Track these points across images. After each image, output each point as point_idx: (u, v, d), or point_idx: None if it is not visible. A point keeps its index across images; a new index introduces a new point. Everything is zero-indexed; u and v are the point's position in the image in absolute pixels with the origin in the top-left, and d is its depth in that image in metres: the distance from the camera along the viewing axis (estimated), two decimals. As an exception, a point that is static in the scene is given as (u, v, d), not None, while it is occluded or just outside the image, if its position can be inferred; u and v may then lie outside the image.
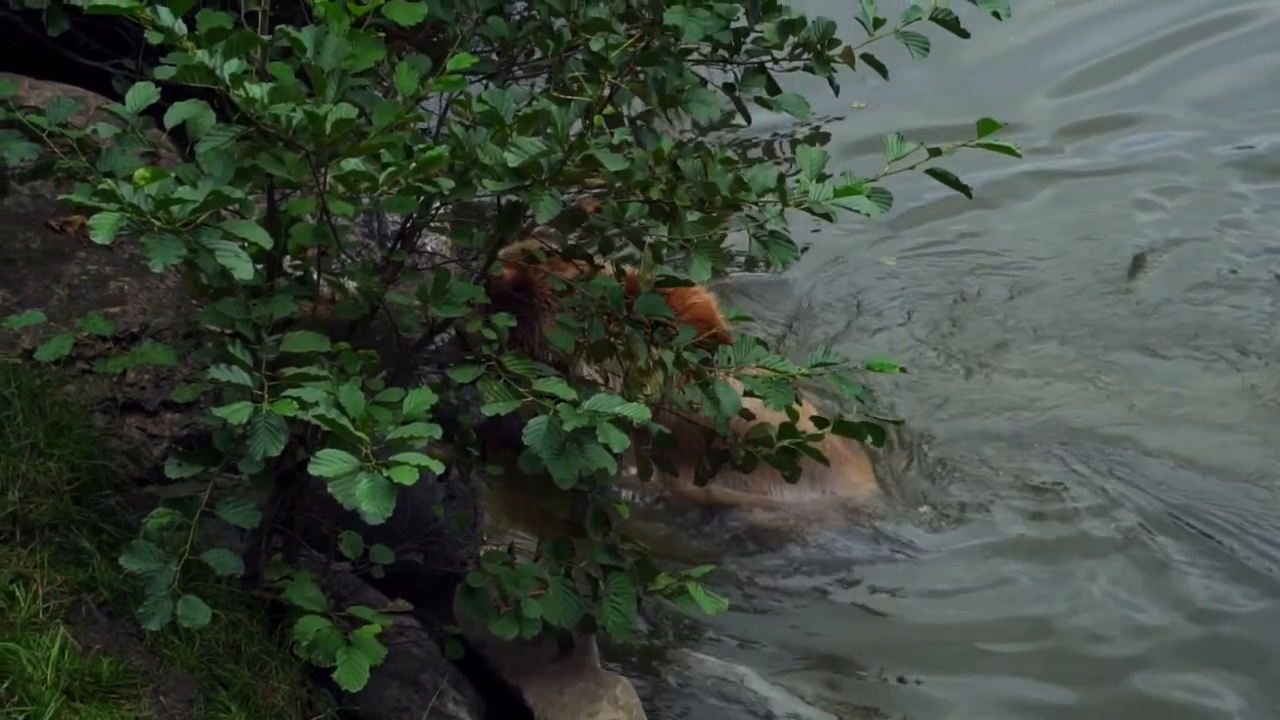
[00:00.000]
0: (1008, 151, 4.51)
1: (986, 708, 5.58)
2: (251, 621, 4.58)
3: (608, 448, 4.17)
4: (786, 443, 5.02)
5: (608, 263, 5.07)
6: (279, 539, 4.79)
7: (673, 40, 4.62)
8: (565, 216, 4.72)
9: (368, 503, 3.72)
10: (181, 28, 4.05)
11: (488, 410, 4.38)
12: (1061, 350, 7.19)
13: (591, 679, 5.18)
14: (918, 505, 6.35)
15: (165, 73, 4.24)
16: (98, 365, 4.89)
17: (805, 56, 5.30)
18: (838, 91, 5.49)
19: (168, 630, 4.29)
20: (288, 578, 4.59)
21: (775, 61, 5.36)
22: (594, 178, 4.51)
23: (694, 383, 4.79)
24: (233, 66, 4.04)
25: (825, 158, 4.56)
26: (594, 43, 4.50)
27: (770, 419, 5.07)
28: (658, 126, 5.05)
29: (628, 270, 5.16)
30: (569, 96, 4.52)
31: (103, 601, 4.42)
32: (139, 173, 3.93)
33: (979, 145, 4.49)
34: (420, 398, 4.07)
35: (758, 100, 5.34)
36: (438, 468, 3.81)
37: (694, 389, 4.79)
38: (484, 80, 5.28)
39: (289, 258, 4.59)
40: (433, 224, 5.11)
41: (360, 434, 3.85)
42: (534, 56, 5.44)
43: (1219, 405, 6.86)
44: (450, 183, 4.29)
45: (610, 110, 4.56)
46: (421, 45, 5.27)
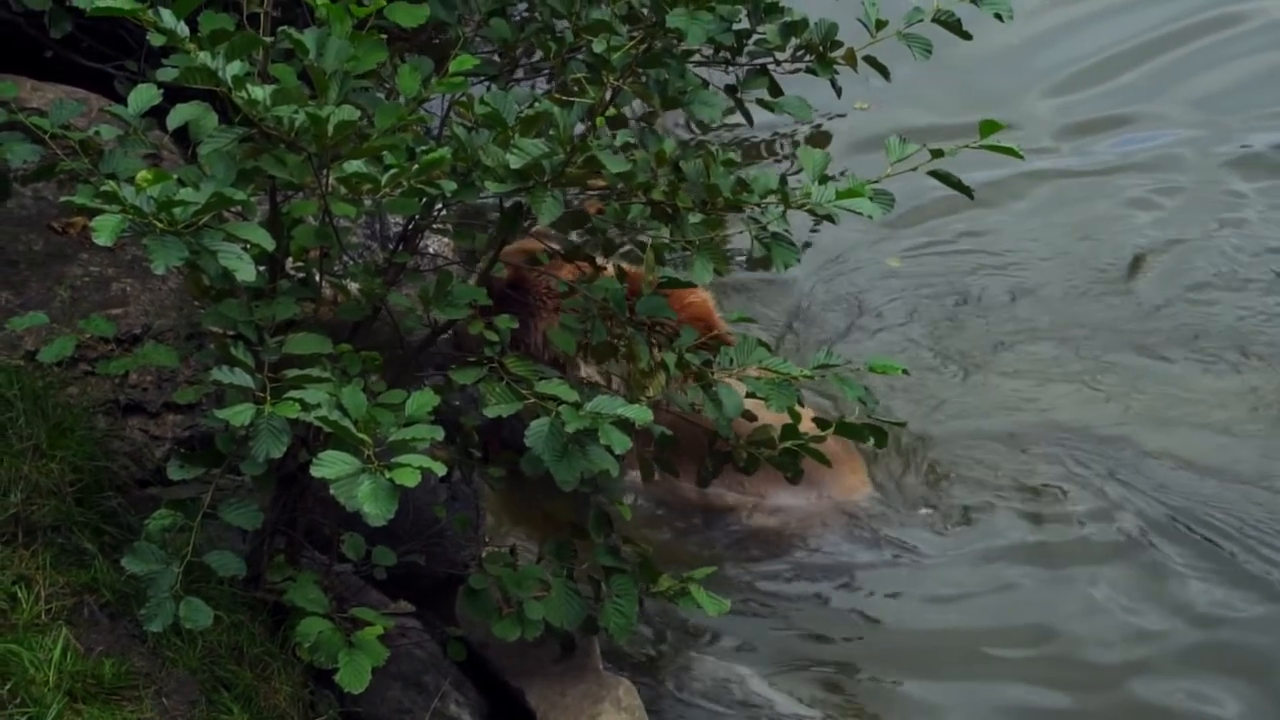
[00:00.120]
0: (1010, 153, 4.50)
1: (986, 713, 5.57)
2: (254, 623, 4.58)
3: (610, 449, 4.17)
4: (789, 444, 5.02)
5: (609, 264, 5.06)
6: (281, 540, 4.79)
7: (675, 42, 4.62)
8: (568, 218, 4.72)
9: (370, 504, 3.72)
10: (184, 30, 4.05)
11: (490, 412, 4.38)
12: (1061, 351, 7.16)
13: (594, 680, 5.18)
14: (917, 508, 6.32)
15: (167, 75, 4.24)
16: (100, 367, 4.89)
17: (807, 58, 5.31)
18: (840, 93, 5.48)
19: (170, 632, 4.30)
20: (290, 579, 4.59)
21: (777, 63, 5.36)
22: (596, 179, 4.51)
23: (696, 384, 4.78)
24: (235, 68, 4.04)
25: (827, 159, 4.56)
26: (596, 44, 4.50)
27: (770, 420, 5.06)
28: (659, 125, 5.04)
29: (628, 269, 5.16)
30: (571, 98, 4.52)
31: (105, 603, 4.42)
32: (141, 174, 3.93)
33: (982, 147, 4.49)
34: (422, 399, 4.07)
35: (759, 102, 5.34)
36: (440, 469, 3.82)
37: (696, 391, 4.79)
38: (486, 82, 5.28)
39: (291, 259, 4.59)
40: (435, 226, 5.11)
41: (362, 436, 3.85)
42: (534, 57, 5.45)
43: (1219, 406, 6.83)
44: (452, 185, 4.30)
45: (612, 112, 4.56)
46: (423, 47, 5.28)
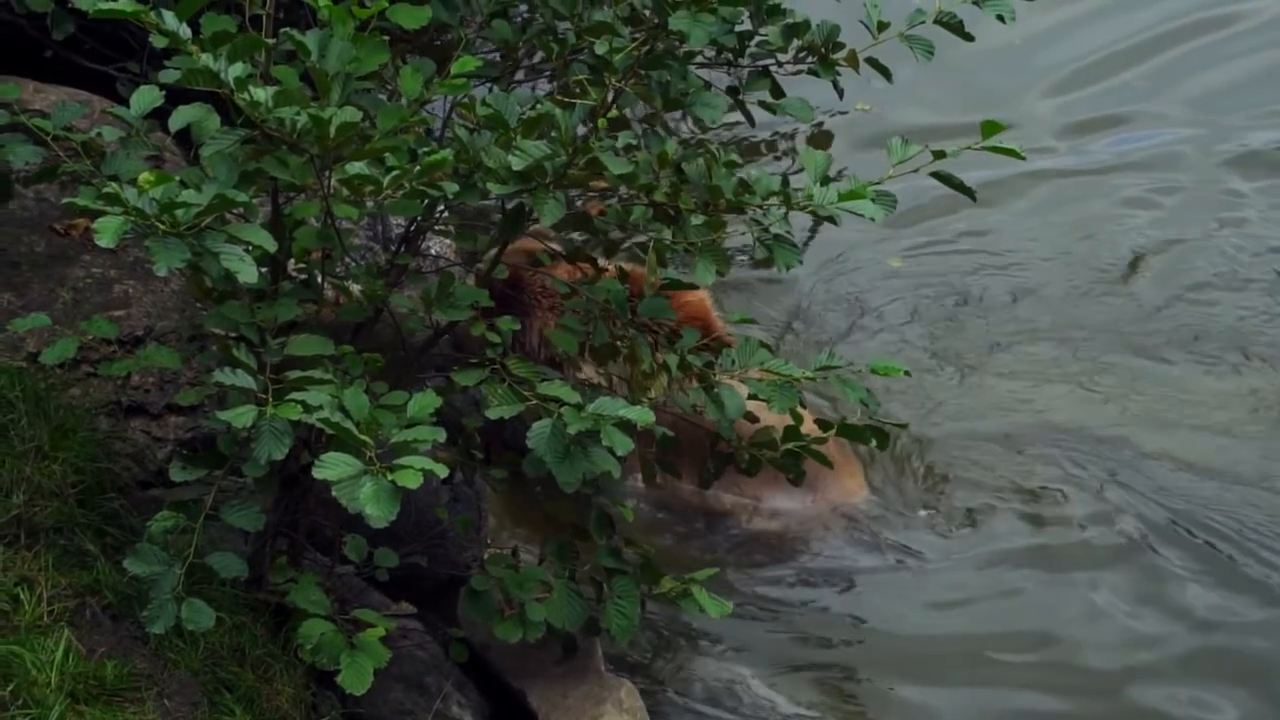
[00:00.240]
0: (1012, 154, 4.50)
1: (987, 718, 5.56)
2: (256, 624, 4.58)
3: (612, 451, 4.17)
4: (791, 445, 5.01)
5: (611, 265, 5.06)
6: (283, 542, 4.79)
7: (677, 44, 4.61)
8: (570, 219, 4.72)
9: (372, 506, 3.72)
10: (186, 32, 4.05)
11: (492, 413, 4.38)
12: (1060, 352, 7.14)
13: (595, 682, 5.18)
14: (915, 511, 6.31)
15: (170, 76, 4.24)
16: (102, 368, 4.89)
17: (809, 60, 5.30)
18: (842, 95, 5.48)
19: (172, 633, 4.30)
20: (292, 581, 4.60)
21: (779, 65, 5.35)
22: (598, 180, 4.51)
23: (698, 386, 4.78)
24: (237, 70, 4.04)
25: (829, 161, 4.55)
26: (598, 46, 4.50)
27: (771, 422, 5.06)
28: (661, 125, 5.04)
29: (629, 269, 5.16)
30: (573, 100, 4.52)
31: (107, 604, 4.42)
32: (143, 176, 3.93)
33: (984, 148, 4.48)
34: (424, 401, 4.07)
35: (761, 104, 5.33)
36: (442, 471, 3.82)
37: (698, 392, 4.79)
38: (488, 84, 5.28)
39: (293, 261, 4.59)
40: (437, 227, 5.11)
41: (364, 437, 3.85)
42: (535, 58, 5.45)
43: (1219, 408, 6.81)
44: (454, 186, 4.30)
45: (615, 113, 4.56)
46: (425, 49, 5.28)
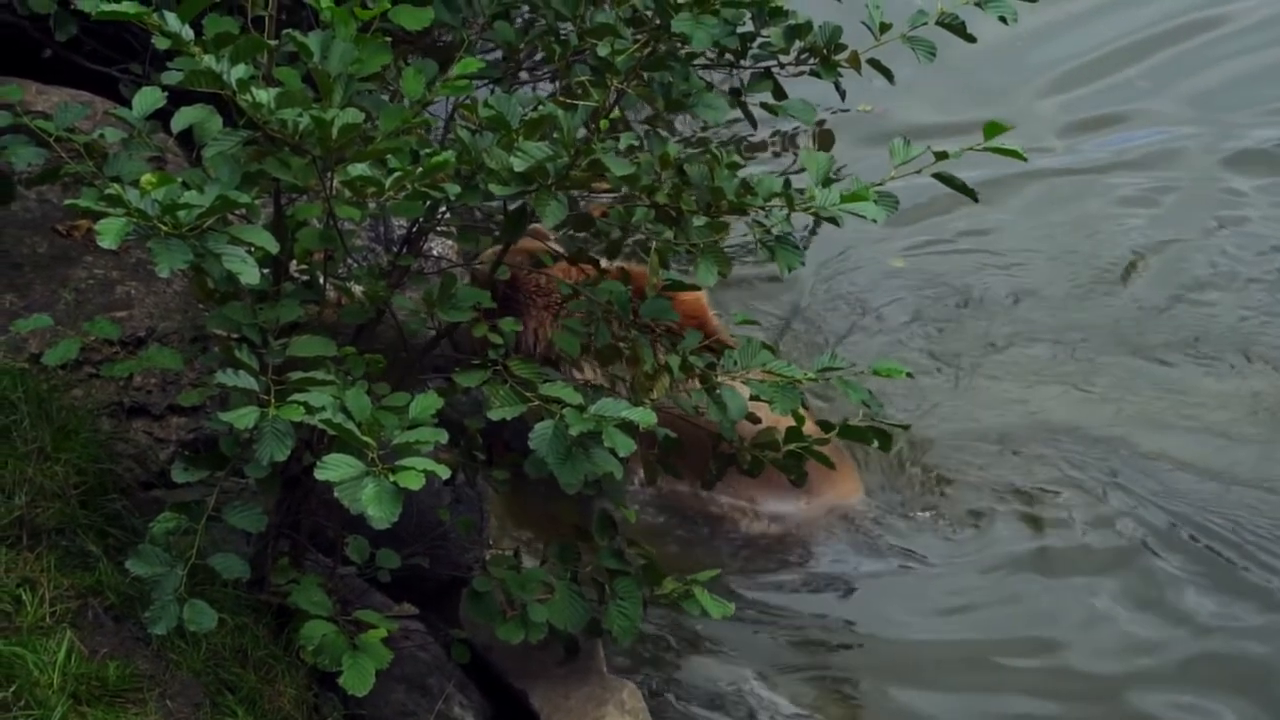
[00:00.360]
0: (1015, 155, 4.50)
1: (985, 723, 5.57)
2: (258, 626, 4.58)
3: (614, 452, 4.17)
4: (793, 447, 5.01)
5: (612, 265, 5.06)
6: (285, 543, 4.80)
7: (679, 45, 4.61)
8: (571, 220, 4.72)
9: (374, 507, 3.73)
10: (188, 33, 4.05)
11: (494, 415, 4.38)
12: (1060, 353, 7.11)
13: (598, 683, 5.18)
14: (915, 514, 6.29)
15: (172, 78, 4.24)
16: (104, 369, 4.90)
17: (811, 61, 5.30)
18: (844, 97, 5.48)
19: (174, 634, 4.30)
20: (294, 582, 4.60)
21: (781, 66, 5.35)
22: (600, 182, 4.51)
23: (700, 387, 4.78)
24: (239, 71, 4.04)
25: (831, 162, 4.55)
26: (601, 48, 4.50)
27: (772, 423, 5.05)
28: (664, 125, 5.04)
29: (631, 268, 5.15)
30: (575, 101, 4.52)
31: (109, 605, 4.42)
32: (145, 177, 3.93)
33: (986, 149, 4.48)
34: (426, 402, 4.07)
35: (764, 106, 5.33)
36: (444, 472, 3.82)
37: (700, 393, 4.79)
38: (490, 85, 5.29)
39: (295, 262, 4.59)
40: (439, 228, 5.11)
41: (366, 438, 3.85)
42: (535, 56, 5.45)
43: (1220, 410, 6.78)
44: (456, 188, 4.30)
45: (617, 114, 4.56)
46: (427, 50, 5.28)
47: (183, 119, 4.25)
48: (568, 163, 4.35)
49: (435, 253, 6.43)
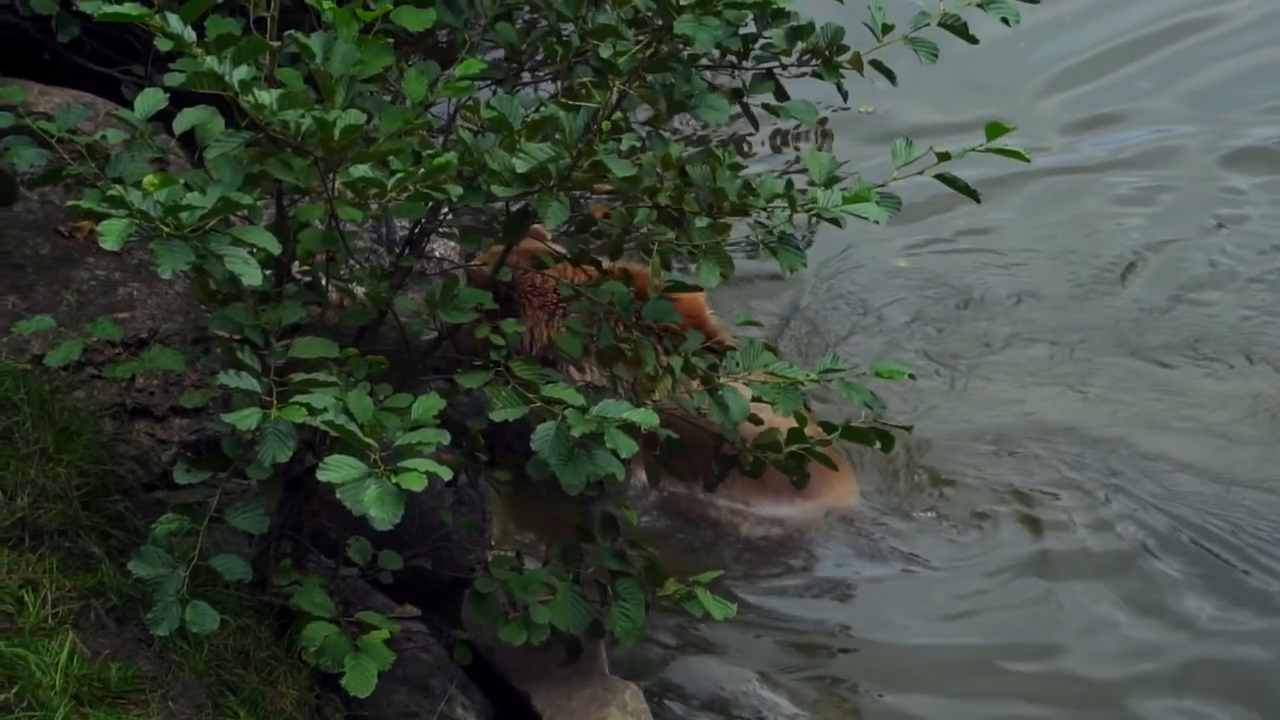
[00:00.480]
0: (1017, 156, 4.50)
1: (985, 728, 5.57)
2: (260, 627, 4.58)
3: (616, 453, 4.17)
4: (795, 448, 5.01)
5: (615, 266, 5.06)
6: (287, 544, 4.80)
7: (681, 46, 4.61)
8: (574, 222, 4.72)
9: (376, 509, 3.72)
10: (191, 34, 4.05)
11: (496, 416, 4.38)
12: (1059, 354, 7.09)
13: (600, 684, 5.18)
14: (914, 517, 6.28)
15: (174, 79, 4.24)
16: (107, 370, 4.90)
17: (813, 62, 5.30)
18: (846, 98, 5.48)
19: (176, 636, 4.30)
20: (296, 583, 4.60)
21: (784, 68, 5.35)
22: (602, 183, 4.51)
23: (702, 388, 4.78)
24: (242, 73, 4.04)
25: (833, 163, 4.55)
26: (603, 49, 4.49)
27: (773, 424, 5.05)
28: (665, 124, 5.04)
29: (633, 269, 5.15)
30: (577, 103, 4.52)
31: (111, 607, 4.42)
32: (148, 179, 3.93)
33: (989, 150, 4.48)
34: (428, 403, 4.07)
35: (766, 107, 5.33)
36: (446, 474, 3.82)
37: (702, 394, 4.78)
38: (492, 86, 5.29)
39: (297, 263, 4.59)
40: (441, 230, 5.11)
41: (368, 440, 3.85)
42: (537, 57, 5.44)
43: (1221, 411, 6.76)
44: (458, 189, 4.30)
45: (619, 116, 4.56)
46: (429, 51, 5.28)
47: (185, 120, 4.25)
48: (570, 164, 4.35)
49: (437, 254, 6.43)
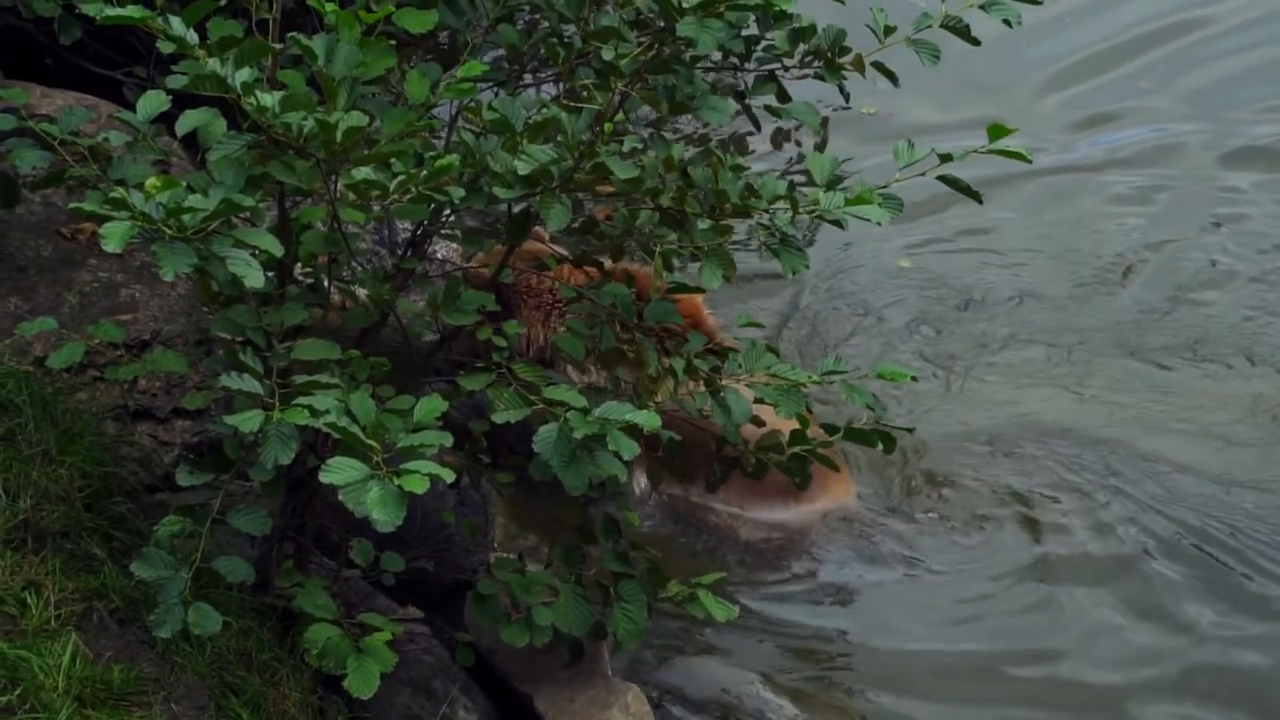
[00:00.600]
0: (1019, 158, 4.50)
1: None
2: (262, 629, 4.58)
3: (618, 455, 4.17)
4: (798, 449, 5.01)
5: (617, 267, 5.06)
6: (290, 546, 4.80)
7: (683, 48, 4.61)
8: (576, 224, 4.72)
9: (378, 511, 3.72)
10: (193, 37, 4.06)
11: (498, 417, 4.38)
12: (1059, 356, 7.07)
13: (602, 686, 5.18)
14: (912, 521, 6.25)
15: (177, 81, 4.24)
16: (109, 372, 4.90)
17: (816, 64, 5.30)
18: (848, 99, 5.48)
19: (179, 637, 4.30)
20: (298, 585, 4.60)
21: (786, 69, 5.35)
22: (604, 185, 4.51)
23: (704, 390, 4.78)
24: (244, 75, 4.04)
25: (835, 163, 4.55)
26: (605, 51, 4.49)
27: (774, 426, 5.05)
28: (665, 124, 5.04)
29: (635, 270, 5.15)
30: (579, 104, 4.52)
31: (114, 609, 4.43)
32: (150, 181, 3.94)
33: (991, 151, 4.48)
34: (431, 405, 4.07)
35: (768, 108, 5.33)
36: (448, 476, 3.81)
37: (704, 396, 4.78)
38: (494, 88, 5.29)
39: (300, 265, 4.59)
40: (443, 232, 5.11)
41: (371, 442, 3.85)
42: (538, 58, 5.44)
43: (1222, 413, 6.75)
44: (461, 191, 4.30)
45: (621, 118, 4.56)
46: (431, 52, 5.28)
47: (187, 122, 4.26)
48: (572, 166, 4.35)
49: (439, 256, 6.43)
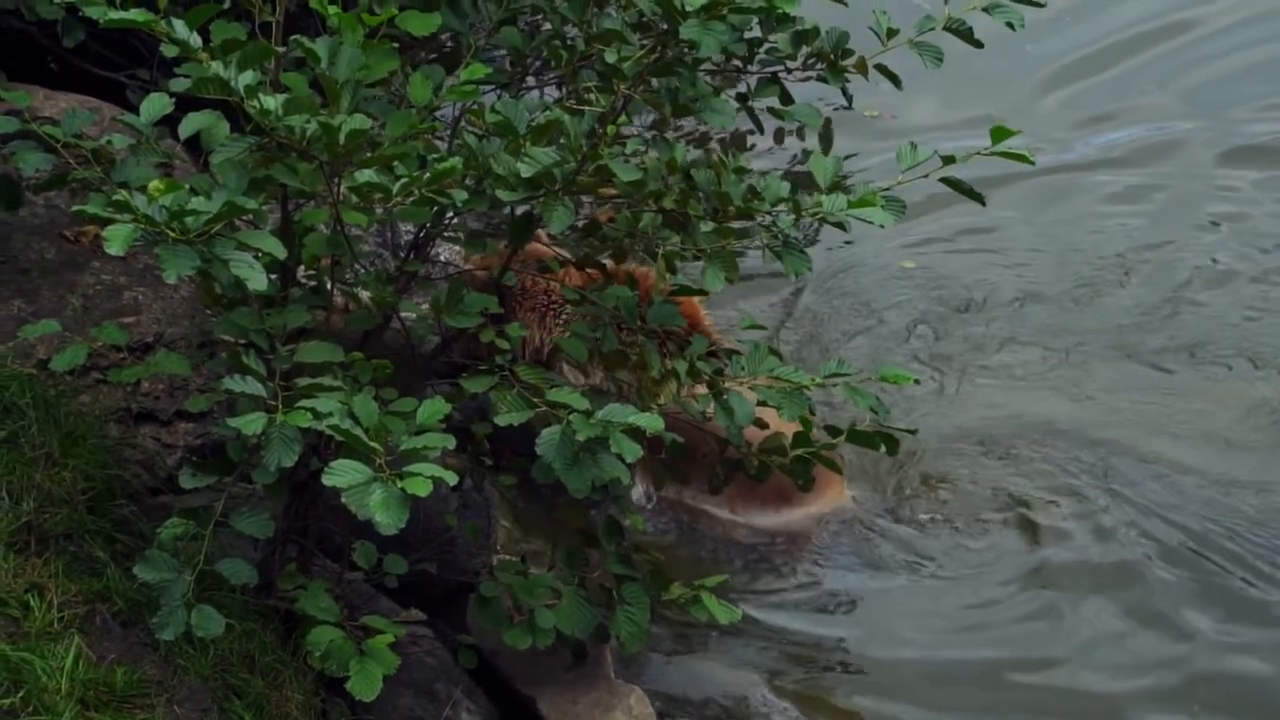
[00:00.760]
0: (1022, 159, 4.50)
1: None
2: (265, 631, 4.59)
3: (621, 457, 4.17)
4: (801, 452, 5.01)
5: (620, 269, 5.06)
6: (293, 549, 4.80)
7: (686, 51, 4.61)
8: (580, 227, 4.73)
9: (381, 513, 3.73)
10: (196, 40, 4.06)
11: (501, 420, 4.38)
12: (1060, 357, 7.05)
13: (605, 688, 5.18)
14: (911, 525, 6.24)
15: (180, 84, 4.24)
16: (112, 375, 4.91)
17: (818, 66, 5.30)
18: (851, 101, 5.49)
19: (182, 640, 4.30)
20: (301, 587, 4.60)
21: (788, 71, 5.35)
22: (607, 187, 4.51)
23: (707, 392, 4.78)
24: (247, 78, 4.05)
25: (838, 165, 4.55)
26: (608, 54, 4.49)
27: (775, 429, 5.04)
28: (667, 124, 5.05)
29: (637, 272, 5.15)
30: (582, 107, 4.53)
31: (117, 611, 4.43)
32: (153, 184, 3.94)
33: (994, 153, 4.48)
34: (433, 408, 4.07)
35: (771, 110, 5.33)
36: (451, 478, 3.81)
37: (707, 399, 4.78)
38: (497, 91, 5.29)
39: (303, 268, 4.59)
40: (446, 234, 5.12)
41: (374, 444, 3.85)
42: (541, 61, 5.44)
43: (1221, 415, 6.72)
44: (464, 194, 4.30)
45: (624, 120, 4.57)
46: (434, 54, 5.28)
47: (190, 125, 4.25)
48: (575, 168, 4.35)
49: (442, 258, 6.43)
